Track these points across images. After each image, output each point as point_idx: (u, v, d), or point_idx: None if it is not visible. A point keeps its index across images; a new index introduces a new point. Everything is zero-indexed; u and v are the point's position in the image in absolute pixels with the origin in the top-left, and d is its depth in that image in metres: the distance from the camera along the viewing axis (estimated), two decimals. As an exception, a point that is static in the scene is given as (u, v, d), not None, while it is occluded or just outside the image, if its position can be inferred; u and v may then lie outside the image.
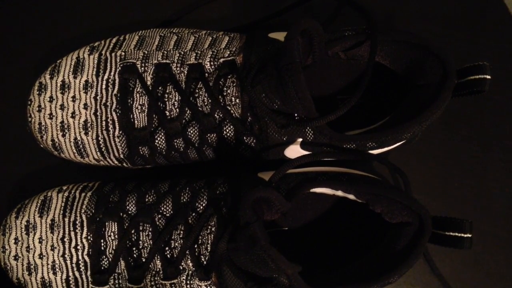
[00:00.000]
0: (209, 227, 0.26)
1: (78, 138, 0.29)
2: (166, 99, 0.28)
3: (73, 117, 0.29)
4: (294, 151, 0.29)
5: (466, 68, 0.26)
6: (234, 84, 0.27)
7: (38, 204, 0.29)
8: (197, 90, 0.28)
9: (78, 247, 0.28)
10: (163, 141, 0.29)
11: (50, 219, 0.28)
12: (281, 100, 0.25)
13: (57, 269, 0.28)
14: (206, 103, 0.28)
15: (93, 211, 0.28)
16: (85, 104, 0.29)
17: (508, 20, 0.38)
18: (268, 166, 0.35)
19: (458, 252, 0.34)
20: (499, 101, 0.36)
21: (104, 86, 0.29)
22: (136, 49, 0.30)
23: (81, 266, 0.28)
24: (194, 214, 0.27)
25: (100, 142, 0.29)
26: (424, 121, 0.26)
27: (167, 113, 0.28)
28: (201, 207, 0.27)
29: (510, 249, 0.34)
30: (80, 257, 0.28)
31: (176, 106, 0.28)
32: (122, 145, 0.29)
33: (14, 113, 0.35)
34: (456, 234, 0.25)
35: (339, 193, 0.27)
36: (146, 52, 0.29)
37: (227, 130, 0.28)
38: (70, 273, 0.28)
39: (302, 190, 0.26)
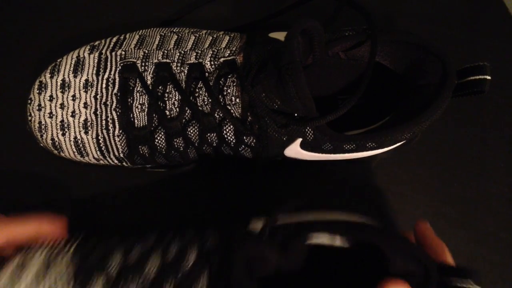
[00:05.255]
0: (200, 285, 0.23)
1: (78, 137, 0.29)
2: (166, 99, 0.28)
3: (73, 116, 0.29)
4: (294, 150, 0.29)
5: (466, 69, 0.26)
6: (234, 84, 0.27)
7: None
8: (197, 90, 0.28)
9: None
10: (163, 141, 0.29)
11: None
12: (281, 100, 0.25)
13: None
14: (206, 103, 0.28)
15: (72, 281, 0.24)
16: (85, 103, 0.29)
17: (508, 20, 0.38)
18: (268, 166, 0.35)
19: (458, 252, 0.34)
20: (499, 101, 0.36)
21: (104, 85, 0.29)
22: (137, 48, 0.30)
23: None
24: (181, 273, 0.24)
25: (100, 141, 0.29)
26: (424, 121, 0.26)
27: (167, 113, 0.28)
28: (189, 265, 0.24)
29: (510, 249, 0.34)
30: None
31: (176, 106, 0.28)
32: (122, 145, 0.29)
33: (14, 112, 0.35)
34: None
35: (337, 241, 0.24)
36: (146, 51, 0.29)
37: (227, 130, 0.28)
38: None
39: (300, 239, 0.23)
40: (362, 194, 0.34)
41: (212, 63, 0.28)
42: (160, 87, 0.28)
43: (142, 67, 0.29)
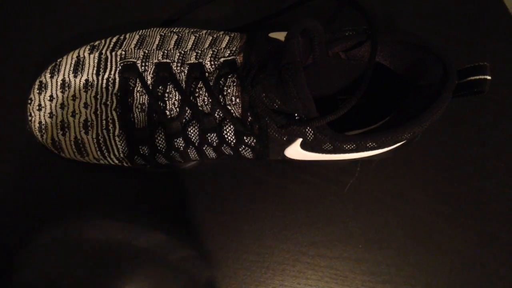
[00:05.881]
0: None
1: (78, 137, 0.29)
2: (166, 99, 0.28)
3: (73, 116, 0.29)
4: (294, 150, 0.29)
5: (466, 69, 0.26)
6: (235, 84, 0.27)
7: None
8: (197, 90, 0.28)
9: None
10: (163, 141, 0.29)
11: None
12: (281, 100, 0.25)
13: None
14: (206, 103, 0.28)
15: None
16: (85, 103, 0.29)
17: (508, 20, 0.38)
18: (268, 166, 0.35)
19: (458, 252, 0.34)
20: (499, 101, 0.36)
21: (104, 85, 0.29)
22: (137, 48, 0.30)
23: None
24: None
25: (100, 141, 0.29)
26: (424, 121, 0.26)
27: (167, 113, 0.28)
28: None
29: (510, 249, 0.34)
30: None
31: (176, 106, 0.28)
32: (122, 145, 0.29)
33: (14, 112, 0.35)
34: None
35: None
36: (146, 51, 0.29)
37: (227, 130, 0.28)
38: None
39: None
40: (362, 194, 0.35)
41: (212, 63, 0.28)
42: (160, 87, 0.28)
43: (142, 67, 0.29)
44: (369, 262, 0.33)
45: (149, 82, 0.28)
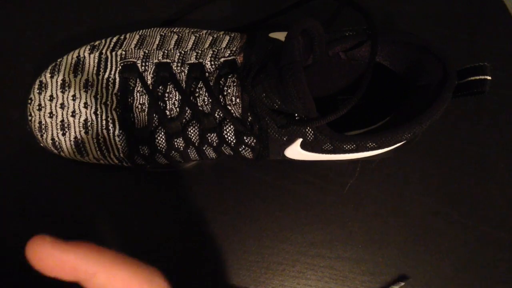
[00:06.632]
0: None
1: (78, 137, 0.29)
2: (166, 99, 0.28)
3: (73, 116, 0.29)
4: (294, 151, 0.29)
5: (466, 69, 0.26)
6: (235, 84, 0.27)
7: None
8: (197, 90, 0.28)
9: None
10: (163, 141, 0.29)
11: None
12: (281, 100, 0.25)
13: None
14: (206, 103, 0.28)
15: None
16: (85, 103, 0.29)
17: (508, 20, 0.38)
18: (268, 166, 0.35)
19: (458, 252, 0.34)
20: (499, 101, 0.36)
21: (104, 85, 0.29)
22: (137, 48, 0.30)
23: None
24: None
25: (100, 141, 0.29)
26: (424, 121, 0.26)
27: (167, 113, 0.28)
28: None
29: (510, 250, 0.34)
30: None
31: (176, 106, 0.28)
32: (122, 145, 0.29)
33: (14, 112, 0.35)
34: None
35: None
36: (146, 51, 0.29)
37: (227, 130, 0.28)
38: None
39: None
40: (362, 194, 0.35)
41: (212, 63, 0.28)
42: (160, 87, 0.28)
43: (143, 67, 0.29)
44: (368, 262, 0.33)
45: (149, 82, 0.28)
